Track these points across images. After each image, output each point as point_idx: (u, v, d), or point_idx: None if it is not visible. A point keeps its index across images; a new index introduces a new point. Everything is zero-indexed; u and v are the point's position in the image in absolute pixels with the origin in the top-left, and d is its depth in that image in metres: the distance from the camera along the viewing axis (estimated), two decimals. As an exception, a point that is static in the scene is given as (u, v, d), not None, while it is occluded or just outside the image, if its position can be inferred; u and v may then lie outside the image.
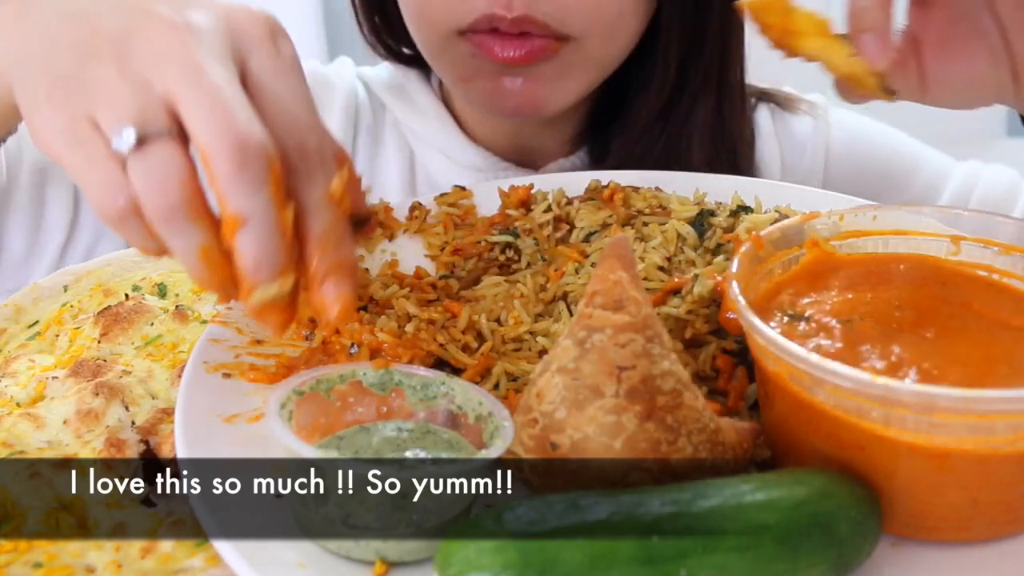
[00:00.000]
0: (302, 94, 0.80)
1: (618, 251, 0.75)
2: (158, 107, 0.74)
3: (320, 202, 0.78)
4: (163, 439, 0.83)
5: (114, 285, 1.06)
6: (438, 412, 0.77)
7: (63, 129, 0.75)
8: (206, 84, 0.74)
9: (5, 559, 0.74)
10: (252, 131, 0.73)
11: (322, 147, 0.79)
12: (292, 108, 0.78)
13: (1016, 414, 0.67)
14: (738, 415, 0.84)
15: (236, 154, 0.72)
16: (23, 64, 0.80)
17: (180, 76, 0.74)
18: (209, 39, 0.77)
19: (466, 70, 1.28)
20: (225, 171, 0.73)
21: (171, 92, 0.74)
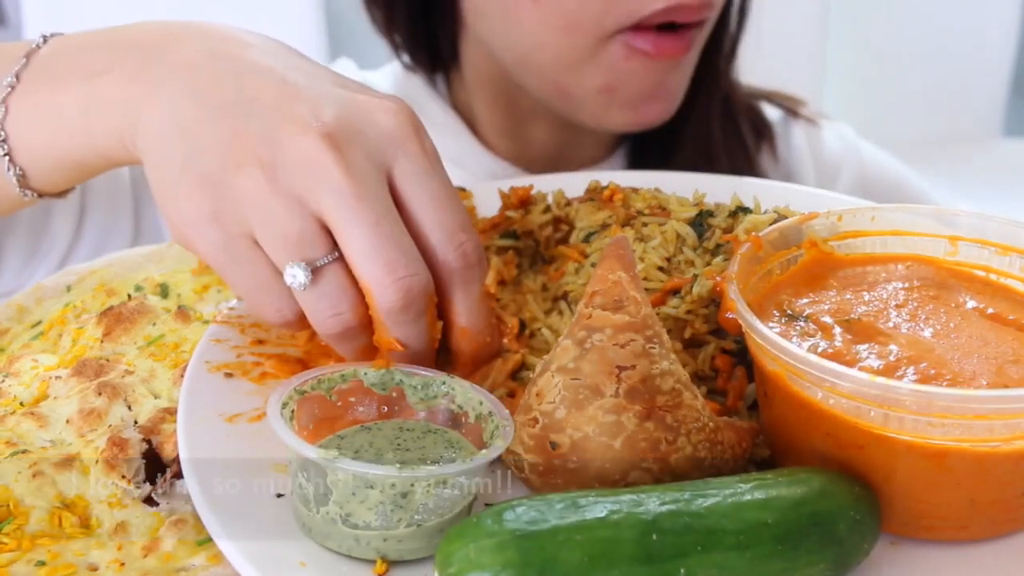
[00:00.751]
0: (451, 192, 0.82)
1: (618, 251, 0.75)
2: (316, 231, 0.77)
3: (478, 301, 0.83)
4: (165, 438, 0.83)
5: (117, 285, 1.06)
6: (438, 412, 0.78)
7: (221, 243, 0.78)
8: (364, 219, 0.76)
9: (8, 557, 0.74)
10: (414, 274, 0.77)
11: (477, 247, 0.82)
12: (445, 213, 0.81)
13: (1013, 414, 0.67)
14: (737, 415, 0.84)
15: (400, 298, 0.77)
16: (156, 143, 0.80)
17: (337, 203, 0.76)
18: (354, 148, 0.78)
19: (617, 75, 1.25)
20: (389, 310, 0.78)
21: (326, 216, 0.77)
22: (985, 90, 3.77)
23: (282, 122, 0.78)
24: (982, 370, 0.73)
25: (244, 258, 0.78)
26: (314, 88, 0.80)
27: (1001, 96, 3.79)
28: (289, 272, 0.77)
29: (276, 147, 0.77)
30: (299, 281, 0.77)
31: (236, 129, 0.78)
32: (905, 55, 3.68)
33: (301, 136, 0.76)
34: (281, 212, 0.76)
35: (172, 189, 0.79)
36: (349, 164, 0.76)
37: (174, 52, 0.83)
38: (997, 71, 3.74)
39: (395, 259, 0.76)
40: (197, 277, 1.06)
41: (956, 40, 3.65)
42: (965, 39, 3.66)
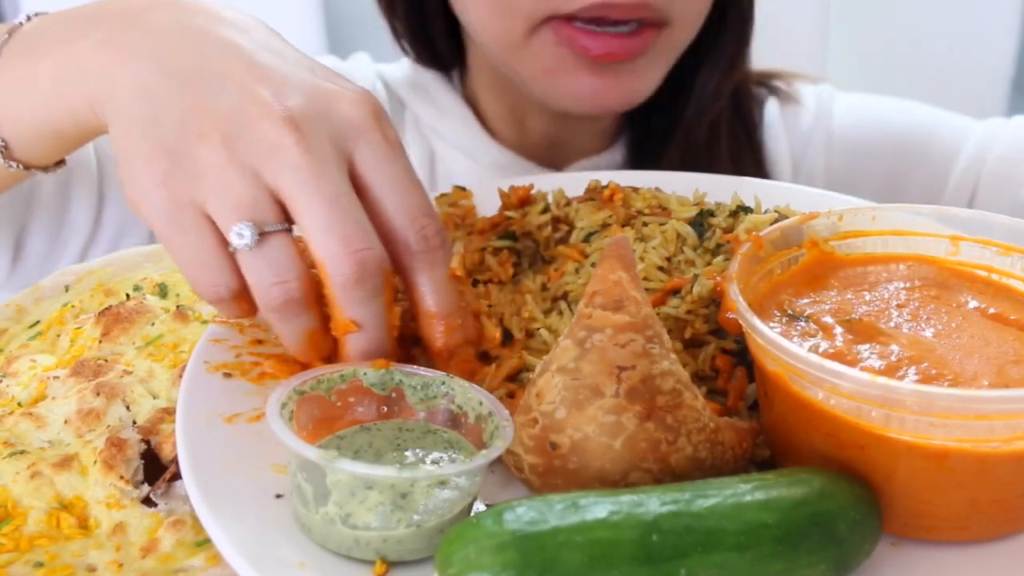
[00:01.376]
0: (412, 178, 0.82)
1: (618, 251, 0.75)
2: (270, 201, 0.78)
3: (443, 283, 0.83)
4: (164, 439, 0.83)
5: (115, 285, 1.06)
6: (438, 412, 0.78)
7: (167, 208, 0.78)
8: (322, 193, 0.76)
9: (6, 558, 0.74)
10: (370, 247, 0.77)
11: (440, 230, 0.82)
12: (407, 197, 0.81)
13: (1014, 414, 0.67)
14: (737, 415, 0.84)
15: (354, 271, 0.77)
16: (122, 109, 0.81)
17: (295, 179, 0.77)
18: (316, 133, 0.78)
19: (550, 62, 1.24)
20: (342, 285, 0.77)
21: (284, 191, 0.77)
22: (986, 90, 3.77)
23: (247, 102, 0.78)
24: (983, 370, 0.73)
25: (189, 226, 0.78)
26: (281, 71, 0.81)
27: (1001, 96, 3.79)
28: (235, 231, 0.77)
29: (238, 124, 0.78)
30: (245, 241, 0.77)
31: (200, 102, 0.79)
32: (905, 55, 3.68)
33: (264, 118, 0.77)
34: (236, 181, 0.77)
35: (130, 153, 0.80)
36: (310, 145, 0.77)
37: (147, 21, 0.84)
38: (997, 71, 3.74)
39: (351, 233, 0.77)
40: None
41: (956, 40, 3.65)
42: (965, 39, 3.66)
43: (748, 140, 1.46)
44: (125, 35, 0.84)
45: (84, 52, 0.84)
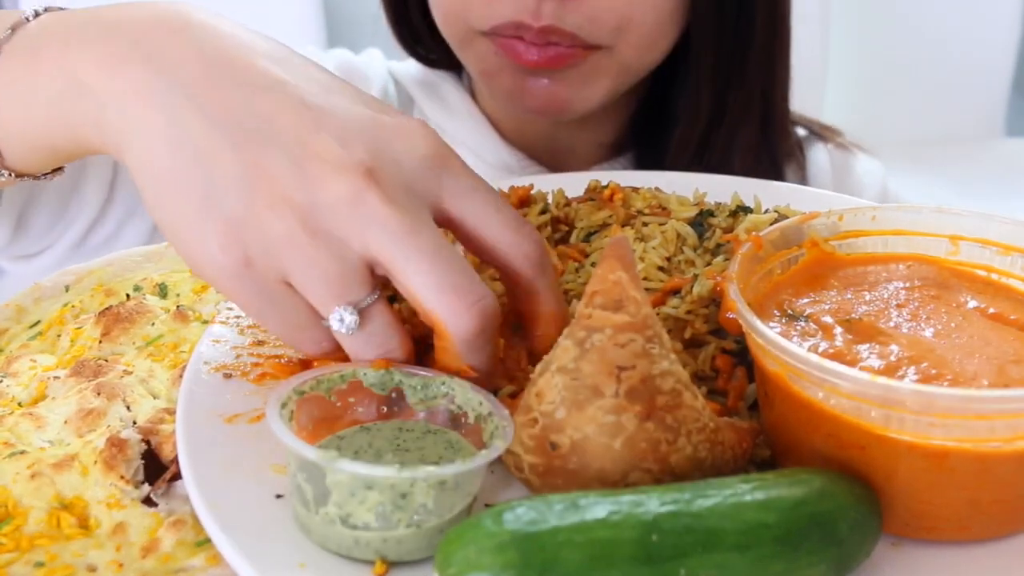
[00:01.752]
0: (497, 194, 0.79)
1: (618, 251, 0.75)
2: (360, 271, 0.72)
3: (555, 281, 0.81)
4: (164, 439, 0.83)
5: (115, 285, 1.06)
6: (438, 412, 0.77)
7: (255, 291, 0.73)
8: (421, 249, 0.71)
9: (7, 559, 0.74)
10: (484, 295, 0.73)
11: (543, 249, 0.79)
12: (504, 216, 0.78)
13: (1015, 414, 0.67)
14: (737, 415, 0.84)
15: (477, 323, 0.73)
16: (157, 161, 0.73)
17: (386, 240, 0.71)
18: (394, 180, 0.72)
19: (489, 65, 1.28)
20: (466, 338, 0.74)
21: (376, 254, 0.72)
22: (986, 90, 3.77)
23: (310, 157, 0.71)
24: (984, 370, 0.72)
25: (281, 303, 0.74)
26: (336, 111, 0.74)
27: (1002, 96, 3.80)
28: (336, 317, 0.73)
29: (308, 185, 0.70)
30: (347, 325, 0.73)
31: (257, 160, 0.71)
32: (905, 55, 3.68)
33: (337, 175, 0.70)
34: (321, 255, 0.71)
35: (194, 232, 0.72)
36: (392, 197, 0.71)
37: (166, 44, 0.75)
38: (998, 71, 3.74)
39: (463, 284, 0.72)
40: (196, 277, 1.05)
41: (956, 40, 3.66)
42: (965, 39, 3.66)
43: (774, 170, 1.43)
44: (140, 57, 0.75)
45: (92, 70, 0.76)
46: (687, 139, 1.38)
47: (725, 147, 1.38)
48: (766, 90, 1.39)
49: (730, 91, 1.36)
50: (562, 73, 1.26)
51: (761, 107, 1.39)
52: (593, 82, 1.28)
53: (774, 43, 1.37)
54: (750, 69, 1.36)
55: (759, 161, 1.41)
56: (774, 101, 1.41)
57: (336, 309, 0.73)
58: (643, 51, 1.28)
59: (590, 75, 1.27)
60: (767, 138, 1.42)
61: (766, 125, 1.41)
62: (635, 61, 1.29)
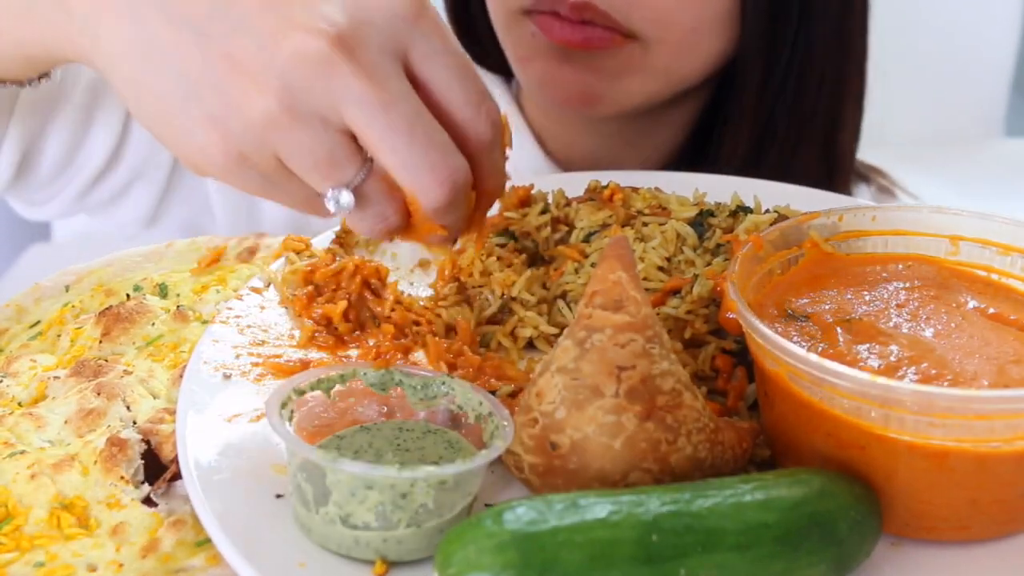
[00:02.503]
0: (468, 62, 0.78)
1: (618, 251, 0.75)
2: (347, 147, 0.73)
3: (501, 161, 0.81)
4: (164, 439, 0.83)
5: (115, 285, 1.06)
6: (438, 412, 0.78)
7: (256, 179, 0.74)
8: (394, 127, 0.71)
9: (7, 558, 0.74)
10: (456, 168, 0.74)
11: (498, 109, 0.79)
12: (468, 84, 0.77)
13: (1014, 414, 0.67)
14: (737, 415, 0.84)
15: (447, 195, 0.74)
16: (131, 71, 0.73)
17: (362, 114, 0.71)
18: (367, 44, 0.71)
19: (526, 49, 1.27)
20: (437, 209, 0.75)
21: (355, 129, 0.72)
22: (986, 90, 3.77)
23: (278, 32, 0.70)
24: (983, 370, 0.73)
25: (285, 185, 0.75)
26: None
27: (1002, 96, 3.79)
28: (331, 199, 0.74)
29: (281, 64, 0.70)
30: (344, 204, 0.74)
31: (226, 51, 0.71)
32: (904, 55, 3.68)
33: (306, 45, 0.69)
34: (306, 137, 0.71)
35: (182, 134, 0.74)
36: (366, 66, 0.71)
37: None
38: (997, 71, 3.74)
39: (435, 160, 0.73)
40: (196, 277, 1.05)
41: (956, 40, 3.65)
42: (965, 39, 3.66)
43: None
44: None
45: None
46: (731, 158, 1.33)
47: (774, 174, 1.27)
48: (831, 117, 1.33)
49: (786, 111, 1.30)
50: (594, 61, 1.24)
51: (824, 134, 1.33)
52: (626, 77, 1.26)
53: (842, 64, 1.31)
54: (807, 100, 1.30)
55: None
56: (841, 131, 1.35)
57: (330, 191, 0.74)
58: (680, 53, 1.24)
59: (623, 69, 1.25)
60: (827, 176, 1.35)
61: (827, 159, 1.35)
62: (670, 63, 1.26)
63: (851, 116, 1.36)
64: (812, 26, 1.27)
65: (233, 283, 1.03)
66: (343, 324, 0.92)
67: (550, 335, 0.93)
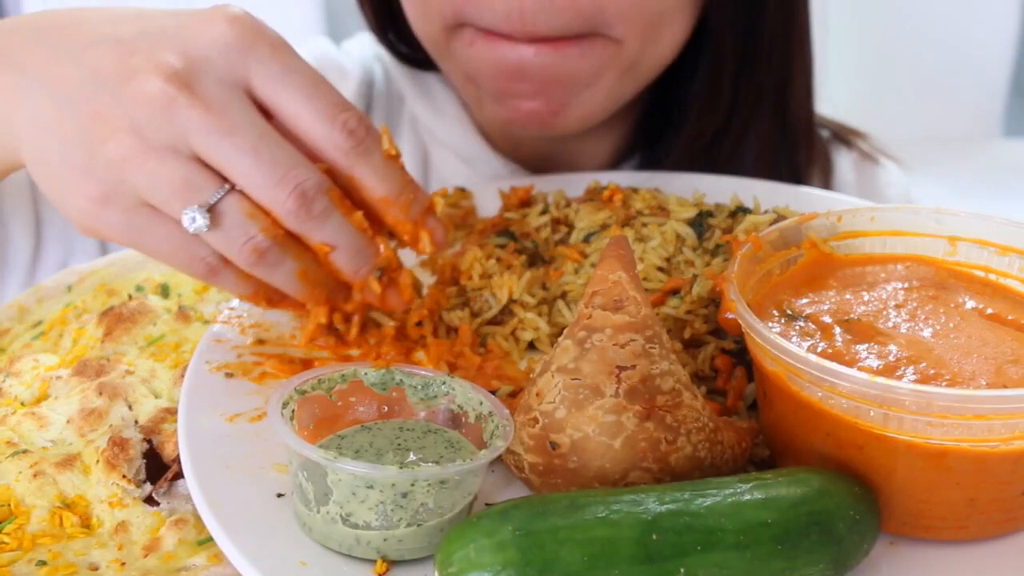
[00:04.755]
0: (314, 78, 0.81)
1: (618, 251, 0.75)
2: (200, 172, 0.78)
3: (381, 165, 0.83)
4: (166, 438, 0.83)
5: (117, 285, 1.06)
6: (439, 411, 0.78)
7: (119, 221, 0.79)
8: (238, 147, 0.76)
9: (9, 557, 0.74)
10: (305, 178, 0.78)
11: (361, 117, 0.81)
12: (318, 101, 0.80)
13: (1013, 414, 0.67)
14: (737, 415, 0.84)
15: (298, 203, 0.78)
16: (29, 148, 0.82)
17: (207, 142, 0.76)
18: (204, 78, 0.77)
19: (473, 61, 1.12)
20: (295, 219, 0.79)
21: (204, 157, 0.77)
22: (985, 90, 3.78)
23: (124, 82, 0.77)
24: (981, 370, 0.73)
25: (148, 226, 0.79)
26: (146, 34, 0.80)
27: (1001, 96, 3.80)
28: (187, 218, 0.78)
29: (129, 108, 0.77)
30: (199, 224, 0.78)
31: (91, 109, 0.78)
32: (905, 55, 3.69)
33: (145, 87, 0.76)
34: (159, 168, 0.77)
35: (59, 188, 0.80)
36: (204, 98, 0.77)
37: (23, 53, 0.84)
38: (997, 71, 3.74)
39: (283, 174, 0.77)
40: (197, 277, 1.06)
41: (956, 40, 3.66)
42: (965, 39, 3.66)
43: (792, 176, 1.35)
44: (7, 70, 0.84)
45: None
46: (697, 138, 1.29)
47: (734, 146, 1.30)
48: (781, 85, 1.30)
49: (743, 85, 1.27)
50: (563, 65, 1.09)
51: (775, 103, 1.30)
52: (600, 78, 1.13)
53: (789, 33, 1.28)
54: (762, 61, 1.27)
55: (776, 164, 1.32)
56: (791, 97, 1.32)
57: (186, 212, 0.78)
58: (646, 43, 1.13)
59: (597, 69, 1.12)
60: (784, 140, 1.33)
61: (782, 124, 1.32)
62: (641, 54, 1.14)
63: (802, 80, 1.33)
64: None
65: (234, 283, 1.04)
66: (344, 325, 0.92)
67: (550, 335, 0.93)
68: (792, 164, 1.34)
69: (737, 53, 1.25)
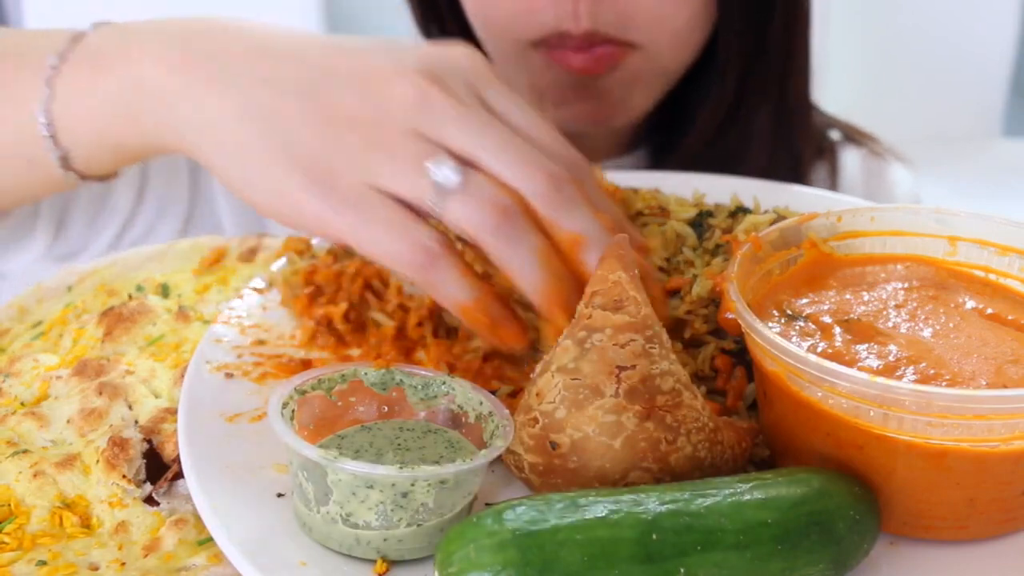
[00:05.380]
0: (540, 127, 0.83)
1: (617, 251, 0.75)
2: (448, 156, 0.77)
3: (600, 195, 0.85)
4: (166, 438, 0.83)
5: (117, 285, 1.06)
6: (439, 411, 0.78)
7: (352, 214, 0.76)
8: (494, 133, 0.77)
9: (9, 557, 0.74)
10: (553, 166, 0.79)
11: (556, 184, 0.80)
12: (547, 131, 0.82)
13: (1013, 414, 0.67)
14: (737, 415, 0.84)
15: (555, 186, 0.78)
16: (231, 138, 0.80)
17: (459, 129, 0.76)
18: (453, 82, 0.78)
19: (541, 79, 1.30)
20: (550, 202, 0.78)
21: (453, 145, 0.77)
22: (985, 90, 3.78)
23: (370, 79, 0.77)
24: (981, 370, 0.73)
25: (376, 210, 0.77)
26: (381, 48, 0.80)
27: (1001, 96, 3.80)
28: (436, 173, 0.76)
29: (377, 101, 0.76)
30: (449, 177, 0.76)
31: (323, 101, 0.77)
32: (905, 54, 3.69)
33: (398, 82, 0.76)
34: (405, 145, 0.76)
35: (268, 183, 0.78)
36: (455, 95, 0.77)
37: (217, 45, 0.83)
38: (997, 71, 3.75)
39: (534, 158, 0.78)
40: (198, 277, 1.06)
41: (956, 40, 3.66)
42: (965, 39, 3.66)
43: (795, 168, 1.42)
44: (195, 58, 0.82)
45: (155, 73, 0.83)
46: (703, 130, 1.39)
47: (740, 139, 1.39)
48: (783, 79, 1.38)
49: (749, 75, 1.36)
50: (606, 81, 1.28)
51: (777, 96, 1.39)
52: (634, 88, 1.30)
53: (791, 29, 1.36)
54: (768, 57, 1.35)
55: (777, 157, 1.40)
56: (791, 90, 1.40)
57: (436, 165, 0.76)
58: (677, 49, 1.29)
59: (630, 80, 1.29)
60: (785, 132, 1.41)
61: (782, 115, 1.40)
62: (671, 61, 1.31)
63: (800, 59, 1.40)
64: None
65: (234, 283, 1.04)
66: (344, 325, 0.93)
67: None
68: (793, 156, 1.41)
69: (743, 50, 1.34)
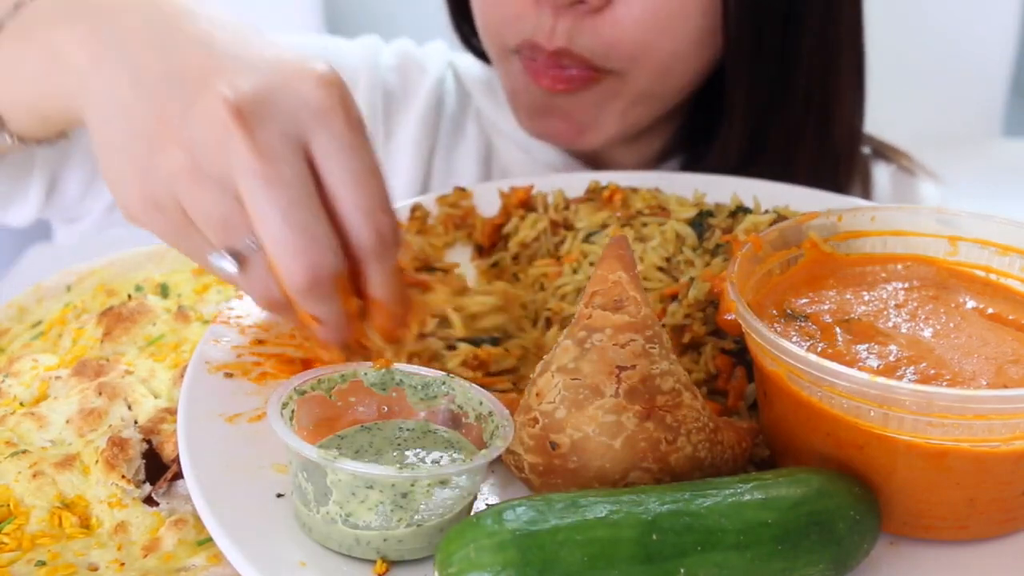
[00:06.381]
0: (371, 168, 0.80)
1: (617, 251, 0.75)
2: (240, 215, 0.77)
3: (389, 274, 0.83)
4: (165, 438, 0.83)
5: (117, 285, 1.06)
6: (439, 412, 0.78)
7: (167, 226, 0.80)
8: (274, 203, 0.76)
9: (9, 557, 0.74)
10: (321, 261, 0.77)
11: (394, 225, 0.81)
12: (364, 190, 0.79)
13: (1013, 414, 0.67)
14: (737, 415, 0.84)
15: (307, 281, 0.77)
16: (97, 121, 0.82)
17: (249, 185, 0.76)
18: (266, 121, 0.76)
19: (516, 83, 1.30)
20: (296, 291, 0.78)
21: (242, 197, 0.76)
22: (985, 90, 3.78)
23: (198, 93, 0.77)
24: (982, 370, 0.73)
25: (192, 237, 0.80)
26: (241, 56, 0.79)
27: (1001, 96, 3.80)
28: (216, 264, 0.79)
29: (192, 124, 0.77)
30: (227, 272, 0.79)
31: (163, 108, 0.78)
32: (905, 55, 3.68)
33: (211, 111, 0.76)
34: (204, 196, 0.77)
35: (116, 174, 0.81)
36: (259, 143, 0.75)
37: (121, 19, 0.84)
38: (997, 71, 3.74)
39: (303, 246, 0.76)
40: (197, 277, 1.06)
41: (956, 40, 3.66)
42: (965, 39, 3.66)
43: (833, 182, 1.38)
44: (102, 32, 0.83)
45: (65, 46, 0.84)
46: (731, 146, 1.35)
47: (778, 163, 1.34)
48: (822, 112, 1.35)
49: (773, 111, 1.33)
50: (576, 99, 1.26)
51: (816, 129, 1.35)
52: (606, 106, 1.27)
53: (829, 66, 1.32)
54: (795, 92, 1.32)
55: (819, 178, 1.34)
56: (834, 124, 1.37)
57: (215, 256, 0.79)
58: (657, 78, 1.25)
59: (602, 100, 1.26)
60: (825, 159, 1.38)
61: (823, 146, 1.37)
62: (657, 86, 1.27)
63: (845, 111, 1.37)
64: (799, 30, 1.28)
65: (234, 283, 1.04)
66: None
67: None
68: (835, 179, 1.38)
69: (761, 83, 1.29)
